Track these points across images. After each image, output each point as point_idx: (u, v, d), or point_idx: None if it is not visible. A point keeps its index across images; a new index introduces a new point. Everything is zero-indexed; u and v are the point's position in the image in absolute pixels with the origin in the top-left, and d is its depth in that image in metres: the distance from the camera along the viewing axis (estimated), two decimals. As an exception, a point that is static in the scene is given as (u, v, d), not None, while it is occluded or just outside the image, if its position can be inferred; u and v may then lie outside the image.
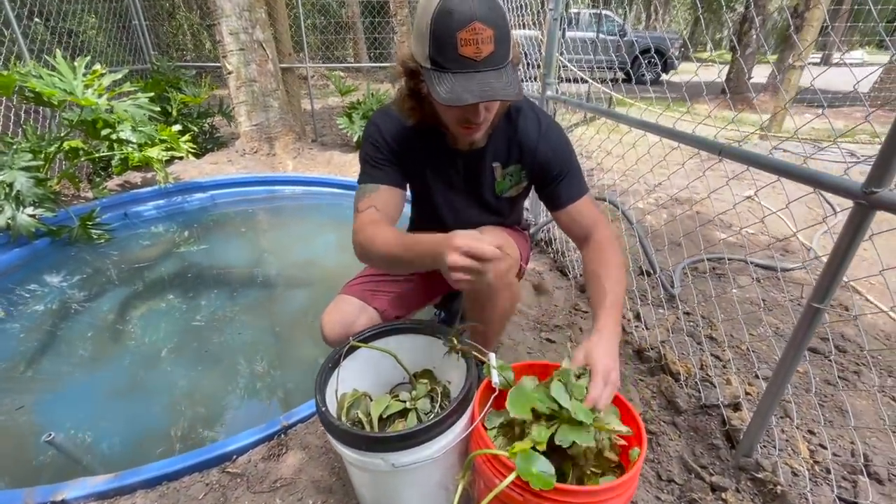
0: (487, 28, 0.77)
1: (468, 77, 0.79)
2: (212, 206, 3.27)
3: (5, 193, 2.33)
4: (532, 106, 1.09)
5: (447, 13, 0.76)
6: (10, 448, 1.39)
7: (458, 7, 0.75)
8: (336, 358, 0.98)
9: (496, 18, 0.78)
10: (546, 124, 1.06)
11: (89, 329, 1.99)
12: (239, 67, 3.57)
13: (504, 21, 0.79)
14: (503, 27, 0.79)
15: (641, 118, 1.42)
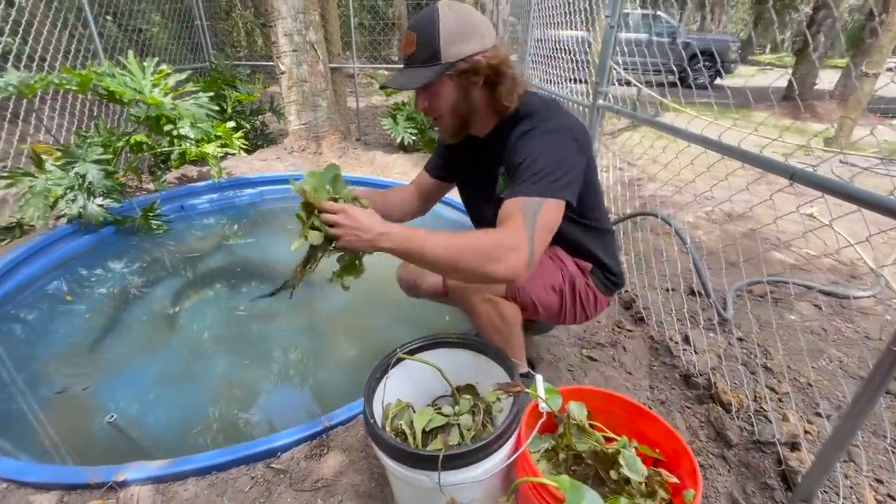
0: (412, 33, 0.98)
1: (398, 71, 1.04)
2: (260, 201, 3.40)
3: (79, 184, 2.51)
4: (544, 110, 1.03)
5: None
6: (77, 426, 1.49)
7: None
8: (384, 368, 0.99)
9: (424, 27, 0.96)
10: (539, 128, 0.99)
11: (145, 315, 2.12)
12: (291, 68, 3.68)
13: (429, 28, 0.95)
14: (427, 33, 0.95)
15: (703, 134, 1.35)
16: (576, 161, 0.97)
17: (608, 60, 2.16)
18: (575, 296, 1.22)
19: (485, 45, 0.98)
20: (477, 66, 0.97)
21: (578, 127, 1.03)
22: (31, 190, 2.35)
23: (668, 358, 1.66)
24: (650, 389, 1.56)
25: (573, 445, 0.93)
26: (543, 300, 1.17)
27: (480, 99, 1.04)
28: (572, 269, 1.22)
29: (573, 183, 0.96)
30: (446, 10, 0.96)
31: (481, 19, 1.00)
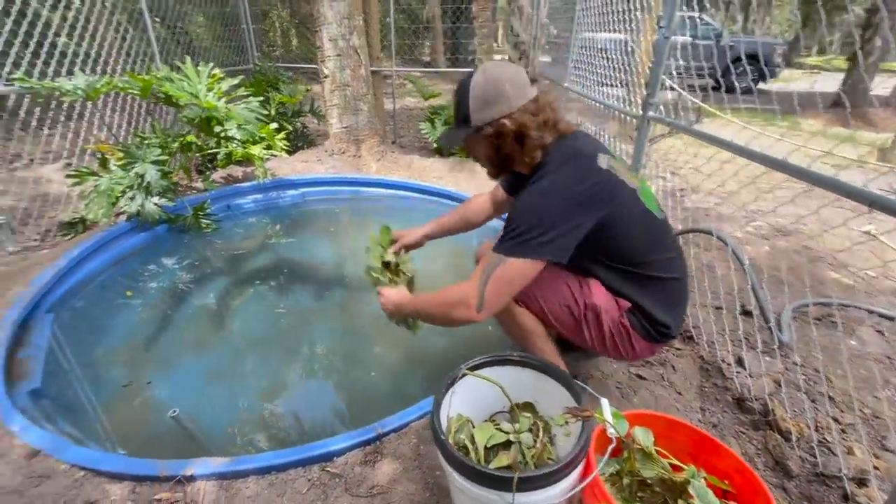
0: (454, 97, 1.19)
1: (448, 128, 1.40)
2: (302, 202, 3.49)
3: (138, 184, 2.63)
4: (554, 167, 1.13)
5: None
6: (143, 418, 1.57)
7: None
8: (449, 384, 1.01)
9: (460, 93, 1.16)
10: (533, 187, 1.11)
11: (196, 311, 2.21)
12: (335, 72, 3.76)
13: (463, 96, 1.15)
14: (461, 100, 1.16)
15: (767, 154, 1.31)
16: (566, 219, 1.06)
17: (660, 72, 2.12)
18: (601, 326, 1.22)
19: (511, 108, 1.12)
20: (501, 130, 1.14)
21: (580, 185, 1.08)
22: (97, 189, 2.48)
23: (720, 380, 1.62)
24: (701, 411, 1.53)
25: (638, 471, 0.93)
26: (555, 312, 1.24)
27: (511, 151, 1.19)
28: (601, 300, 1.21)
29: (558, 240, 1.05)
30: (479, 77, 1.13)
31: (510, 83, 1.11)
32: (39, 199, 2.87)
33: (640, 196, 1.19)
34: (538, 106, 1.14)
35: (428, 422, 1.41)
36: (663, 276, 1.20)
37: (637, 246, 1.16)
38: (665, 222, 1.24)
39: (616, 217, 1.11)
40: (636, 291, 1.20)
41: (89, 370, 1.80)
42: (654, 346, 1.26)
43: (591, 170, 1.11)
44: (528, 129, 1.12)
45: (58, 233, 2.70)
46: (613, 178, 1.13)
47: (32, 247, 2.55)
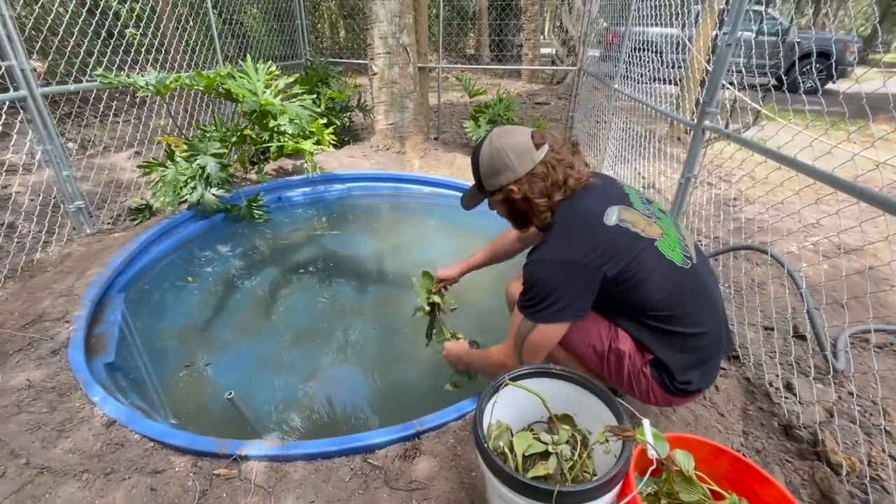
0: (472, 166, 1.32)
1: (469, 189, 1.42)
2: (347, 196, 3.61)
3: (199, 175, 2.81)
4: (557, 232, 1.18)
5: None
6: (203, 398, 1.71)
7: None
8: (492, 393, 1.05)
9: (474, 160, 1.29)
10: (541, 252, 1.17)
11: (247, 298, 2.35)
12: (384, 70, 3.83)
13: (475, 163, 1.29)
14: (475, 167, 1.30)
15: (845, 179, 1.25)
16: (572, 285, 1.11)
17: (720, 78, 2.05)
18: (622, 369, 1.21)
19: (517, 175, 1.21)
20: (508, 196, 1.24)
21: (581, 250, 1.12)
22: (163, 179, 2.67)
23: (766, 404, 1.58)
24: (744, 435, 1.49)
25: (677, 495, 0.93)
26: (580, 350, 1.26)
27: (524, 211, 1.27)
28: (626, 346, 1.20)
29: (573, 303, 1.12)
30: (487, 147, 1.25)
31: (514, 153, 1.20)
32: (112, 185, 3.12)
33: (660, 247, 1.16)
34: (547, 168, 1.20)
35: (465, 424, 1.46)
36: (688, 331, 1.14)
37: (656, 300, 1.13)
38: (692, 271, 1.17)
39: (630, 272, 1.10)
40: (657, 346, 1.17)
41: (155, 348, 1.97)
42: (675, 399, 1.23)
43: (593, 231, 1.14)
44: (532, 195, 1.20)
45: (127, 217, 2.93)
46: (624, 233, 1.13)
47: (106, 230, 2.78)
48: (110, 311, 2.05)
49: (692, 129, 2.28)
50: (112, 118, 4.42)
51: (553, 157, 1.23)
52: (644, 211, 1.23)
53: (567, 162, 1.24)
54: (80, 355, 1.70)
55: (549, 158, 1.22)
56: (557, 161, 1.23)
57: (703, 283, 1.20)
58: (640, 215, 1.20)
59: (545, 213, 1.22)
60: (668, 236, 1.20)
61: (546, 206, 1.21)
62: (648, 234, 1.16)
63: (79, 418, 1.46)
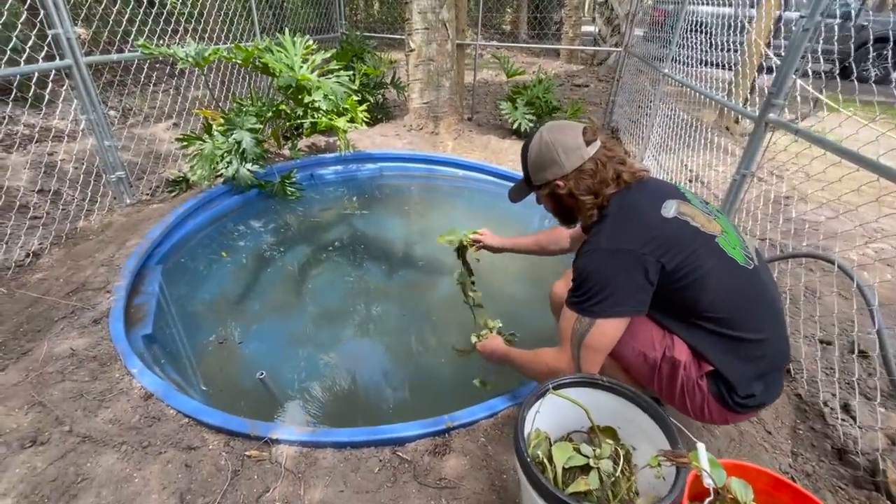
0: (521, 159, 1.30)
1: (517, 182, 1.38)
2: (379, 177, 3.56)
3: (235, 149, 2.81)
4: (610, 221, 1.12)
5: None
6: (235, 376, 1.73)
7: None
8: (533, 402, 1.00)
9: (523, 153, 1.28)
10: (592, 244, 1.11)
11: (279, 276, 2.37)
12: (421, 46, 3.71)
13: (524, 157, 1.27)
14: (523, 160, 1.28)
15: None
16: (628, 275, 1.04)
17: (792, 69, 1.87)
18: (675, 381, 1.12)
19: (563, 171, 1.17)
20: (555, 192, 1.21)
21: (637, 241, 1.05)
22: (201, 153, 2.68)
23: (820, 424, 1.48)
24: (793, 456, 1.41)
25: (731, 526, 0.87)
26: (627, 358, 1.17)
27: (570, 207, 1.23)
28: (682, 355, 1.10)
29: (633, 295, 1.05)
30: (536, 140, 1.22)
31: (562, 149, 1.16)
32: (151, 156, 3.16)
33: (721, 243, 1.07)
34: (596, 165, 1.15)
35: (496, 423, 1.42)
36: (749, 336, 1.04)
37: (715, 299, 1.04)
38: (756, 271, 1.09)
39: (689, 266, 1.03)
40: (716, 353, 1.07)
41: (190, 322, 2.01)
42: (731, 416, 1.13)
43: (651, 222, 1.07)
44: (579, 192, 1.16)
45: (165, 189, 2.98)
46: (683, 226, 1.07)
47: (145, 200, 2.83)
48: (149, 282, 2.09)
49: (753, 121, 2.11)
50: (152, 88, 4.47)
51: (604, 154, 1.18)
52: (702, 208, 1.15)
53: (618, 158, 1.20)
54: (120, 326, 1.74)
55: (599, 155, 1.17)
56: (608, 158, 1.18)
57: (765, 285, 1.11)
58: (698, 210, 1.13)
59: (591, 211, 1.18)
60: (728, 234, 1.12)
61: (592, 203, 1.17)
62: (708, 230, 1.09)
63: (118, 389, 1.49)
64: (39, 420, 1.37)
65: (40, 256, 2.22)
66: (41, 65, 2.17)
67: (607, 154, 1.17)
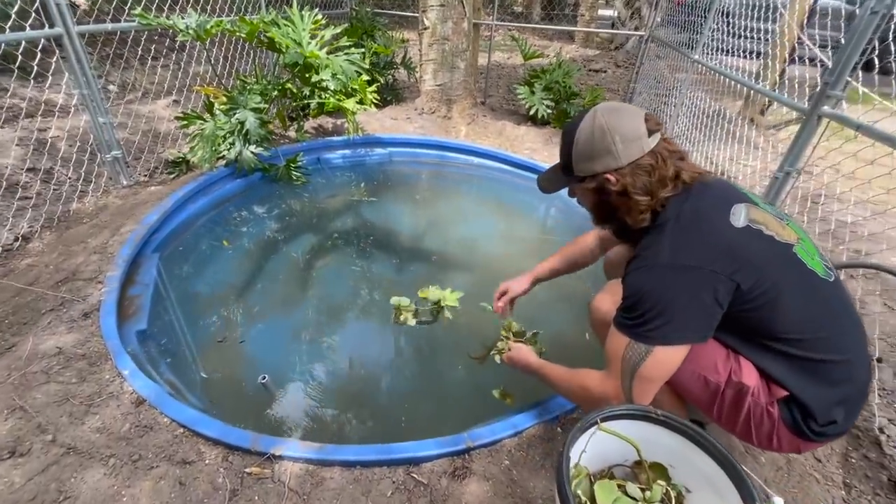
0: (560, 140, 1.10)
1: (549, 168, 1.18)
2: (388, 162, 3.39)
3: (238, 130, 2.64)
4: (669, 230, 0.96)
5: None
6: (235, 380, 1.60)
7: None
8: (578, 435, 0.87)
9: (566, 136, 1.07)
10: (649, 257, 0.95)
11: (283, 268, 2.22)
12: (436, 24, 3.50)
13: (568, 141, 1.05)
14: (566, 145, 1.06)
15: None
16: (693, 297, 0.90)
17: (855, 56, 1.69)
18: (740, 408, 0.98)
19: (618, 164, 0.99)
20: (603, 186, 1.03)
21: (702, 256, 0.90)
22: (202, 133, 2.52)
23: (875, 453, 1.35)
24: (846, 488, 1.28)
25: None
26: (684, 382, 1.02)
27: (617, 206, 1.04)
28: (751, 380, 0.96)
29: (698, 320, 0.91)
30: (588, 123, 1.01)
31: (621, 137, 0.97)
32: (150, 135, 3.00)
33: (799, 253, 0.93)
34: (655, 161, 0.98)
35: (521, 443, 1.30)
36: (831, 357, 0.91)
37: (797, 320, 0.91)
38: (836, 284, 0.96)
39: (767, 283, 0.89)
40: (794, 379, 0.93)
41: (188, 317, 1.87)
42: (805, 444, 0.99)
43: (721, 232, 0.92)
44: (634, 190, 0.99)
45: (164, 170, 2.82)
46: (757, 236, 0.92)
47: (142, 182, 2.68)
48: (144, 271, 1.96)
49: (803, 114, 1.93)
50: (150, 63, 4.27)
51: (664, 148, 1.01)
52: (773, 212, 1.00)
53: (679, 154, 1.03)
54: (111, 321, 1.61)
55: (659, 149, 1.00)
56: (669, 153, 1.01)
57: (847, 299, 0.98)
58: (770, 216, 0.97)
59: (643, 215, 1.01)
60: (805, 241, 0.97)
61: (647, 205, 1.00)
62: (784, 239, 0.94)
63: (108, 393, 1.37)
64: (20, 427, 1.25)
65: (30, 240, 2.09)
66: (29, 33, 2.00)
67: (668, 148, 1.00)
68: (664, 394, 1.14)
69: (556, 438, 1.32)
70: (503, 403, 1.51)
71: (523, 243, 2.65)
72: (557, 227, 2.87)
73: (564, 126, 1.09)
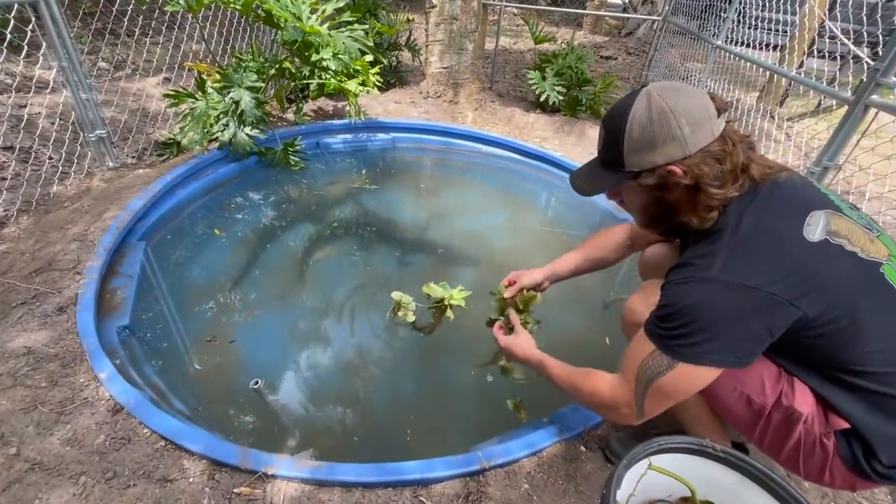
0: (602, 130, 0.91)
1: (585, 164, 0.99)
2: (391, 148, 3.23)
3: (232, 111, 2.47)
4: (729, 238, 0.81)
5: None
6: (225, 384, 1.47)
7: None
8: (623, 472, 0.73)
9: (612, 124, 0.87)
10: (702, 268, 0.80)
11: (279, 260, 2.08)
12: (444, 3, 3.31)
13: (616, 129, 0.86)
14: (613, 135, 0.87)
15: None
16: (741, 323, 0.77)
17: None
18: (789, 436, 0.86)
19: (685, 153, 0.82)
20: (665, 181, 0.86)
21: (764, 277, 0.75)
22: (193, 113, 2.35)
23: (927, 479, 1.23)
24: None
25: None
26: (725, 400, 0.91)
27: (678, 205, 0.88)
28: (805, 407, 0.83)
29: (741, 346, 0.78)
30: (642, 105, 0.83)
31: (687, 120, 0.80)
32: (139, 114, 2.82)
33: (887, 273, 0.79)
34: (725, 147, 0.82)
35: (541, 464, 1.17)
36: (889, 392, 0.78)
37: (876, 352, 0.77)
38: None
39: (836, 310, 0.76)
40: (862, 414, 0.80)
41: (175, 312, 1.74)
42: (861, 483, 0.86)
43: (789, 247, 0.78)
44: (708, 182, 0.82)
45: (153, 152, 2.65)
46: (839, 255, 0.78)
47: (130, 164, 2.51)
48: (128, 262, 1.81)
49: (846, 104, 1.78)
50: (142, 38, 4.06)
51: (732, 131, 0.85)
52: (858, 220, 0.84)
53: (748, 141, 0.87)
54: (89, 316, 1.47)
55: (728, 132, 0.84)
56: (739, 138, 0.85)
57: None
58: (856, 226, 0.82)
59: (713, 212, 0.84)
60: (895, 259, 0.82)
61: (720, 199, 0.83)
62: (872, 256, 0.79)
63: (82, 399, 1.24)
64: (-21, 439, 1.11)
65: (6, 225, 1.93)
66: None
67: (736, 132, 0.85)
68: (701, 408, 1.02)
69: (580, 458, 1.19)
70: (516, 416, 1.38)
71: (535, 238, 2.50)
72: (572, 220, 2.72)
73: (607, 113, 0.89)
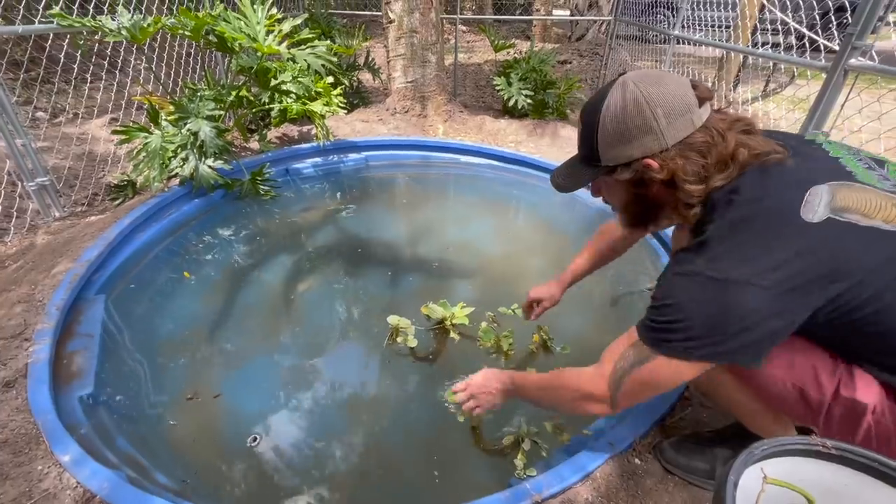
0: (579, 123, 0.86)
1: (564, 162, 0.95)
2: (365, 167, 3.09)
3: (191, 143, 2.29)
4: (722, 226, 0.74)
5: None
6: (216, 446, 1.26)
7: None
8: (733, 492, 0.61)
9: (587, 117, 0.83)
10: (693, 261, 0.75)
11: (259, 299, 1.88)
12: (402, 16, 3.25)
13: (590, 123, 0.82)
14: (587, 128, 0.83)
15: None
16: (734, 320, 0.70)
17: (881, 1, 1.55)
18: (855, 426, 0.77)
19: (662, 145, 0.77)
20: (642, 176, 0.81)
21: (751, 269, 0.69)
22: (146, 148, 2.15)
23: None
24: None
25: None
26: (772, 387, 0.82)
27: (658, 199, 0.84)
28: (870, 396, 0.74)
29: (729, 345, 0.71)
30: (617, 97, 0.78)
31: (664, 111, 0.75)
32: (86, 158, 2.58)
33: None
34: (710, 139, 0.76)
35: (595, 489, 1.03)
36: None
37: None
38: None
39: (861, 293, 0.68)
40: None
41: (147, 373, 1.51)
42: None
43: (786, 232, 0.70)
44: (685, 177, 0.77)
45: (106, 197, 2.42)
46: (846, 232, 0.68)
47: (80, 212, 2.27)
48: (87, 319, 1.58)
49: (824, 71, 1.79)
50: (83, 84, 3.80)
51: (719, 121, 0.77)
52: (880, 183, 0.74)
53: (744, 122, 0.79)
54: (44, 389, 1.24)
55: (713, 122, 0.77)
56: (729, 123, 0.78)
57: None
58: (873, 193, 0.72)
59: (693, 209, 0.79)
60: None
61: (699, 195, 0.78)
62: (892, 225, 0.69)
63: (41, 492, 1.01)
64: None
65: (-66, 295, 1.67)
66: None
67: (724, 119, 0.77)
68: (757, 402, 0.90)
69: (637, 473, 1.06)
70: (557, 438, 1.24)
71: (528, 241, 2.41)
72: (561, 219, 2.65)
73: (583, 106, 0.85)
